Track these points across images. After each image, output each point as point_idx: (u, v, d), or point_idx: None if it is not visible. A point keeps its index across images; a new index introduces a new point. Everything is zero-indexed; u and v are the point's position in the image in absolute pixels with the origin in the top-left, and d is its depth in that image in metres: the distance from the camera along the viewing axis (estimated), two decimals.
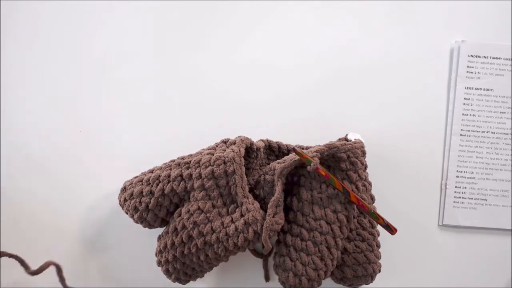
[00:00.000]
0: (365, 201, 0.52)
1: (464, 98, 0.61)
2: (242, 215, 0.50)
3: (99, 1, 0.61)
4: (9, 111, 0.61)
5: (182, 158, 0.54)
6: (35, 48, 0.61)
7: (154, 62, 0.61)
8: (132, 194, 0.53)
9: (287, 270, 0.51)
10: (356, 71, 0.61)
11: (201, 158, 0.51)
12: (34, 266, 0.60)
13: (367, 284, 0.55)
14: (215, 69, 0.61)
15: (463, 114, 0.61)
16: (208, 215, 0.51)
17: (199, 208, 0.51)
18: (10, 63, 0.61)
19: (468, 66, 0.61)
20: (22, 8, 0.61)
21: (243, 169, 0.51)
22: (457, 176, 0.61)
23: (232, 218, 0.50)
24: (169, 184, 0.52)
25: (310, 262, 0.51)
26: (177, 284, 0.56)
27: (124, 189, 0.55)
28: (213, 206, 0.51)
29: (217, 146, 0.54)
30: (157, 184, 0.52)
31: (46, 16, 0.61)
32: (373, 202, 0.55)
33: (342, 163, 0.52)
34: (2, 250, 0.60)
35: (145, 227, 0.55)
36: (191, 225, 0.51)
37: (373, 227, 0.55)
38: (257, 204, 0.51)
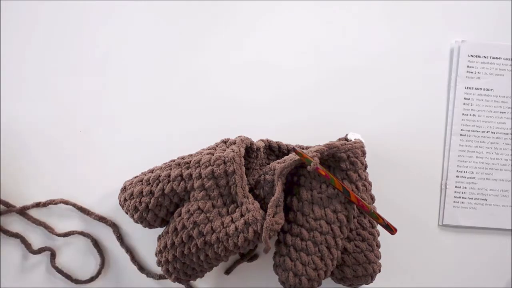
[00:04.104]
0: (365, 201, 0.52)
1: (464, 98, 0.61)
2: (242, 215, 0.50)
3: (99, 1, 0.61)
4: (9, 111, 0.61)
5: (182, 158, 0.54)
6: (35, 48, 0.61)
7: (154, 62, 0.61)
8: (132, 194, 0.53)
9: (287, 270, 0.51)
10: (356, 71, 0.61)
11: (201, 158, 0.51)
12: (35, 270, 0.61)
13: (367, 284, 0.55)
14: (216, 69, 0.61)
15: (463, 114, 0.61)
16: (208, 215, 0.51)
17: (199, 208, 0.51)
18: (10, 63, 0.61)
19: (468, 66, 0.61)
20: (22, 8, 0.61)
21: (243, 169, 0.51)
22: (457, 176, 0.61)
23: (232, 218, 0.50)
24: (169, 184, 0.52)
25: (310, 262, 0.51)
26: (176, 284, 0.56)
27: (124, 189, 0.55)
28: (213, 206, 0.51)
29: (217, 146, 0.54)
30: (157, 184, 0.52)
31: (46, 16, 0.61)
32: (373, 202, 0.55)
33: (342, 163, 0.52)
34: (2, 252, 0.61)
35: (145, 227, 0.55)
36: (191, 225, 0.51)
37: (373, 227, 0.55)
38: (257, 204, 0.51)
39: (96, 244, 0.60)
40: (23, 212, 0.60)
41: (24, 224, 0.61)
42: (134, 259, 0.60)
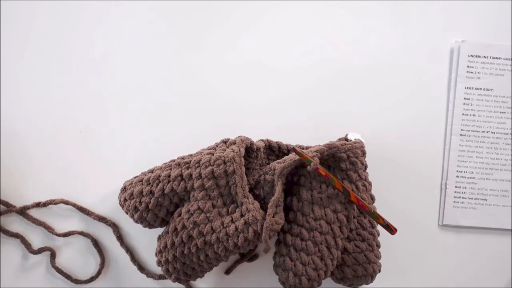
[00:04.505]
0: (365, 201, 0.52)
1: (464, 98, 0.61)
2: (242, 215, 0.50)
3: (97, 2, 0.61)
4: (9, 111, 0.61)
5: (182, 158, 0.54)
6: (34, 48, 0.61)
7: (154, 62, 0.61)
8: (132, 194, 0.53)
9: (287, 270, 0.51)
10: (356, 71, 0.61)
11: (201, 158, 0.51)
12: (35, 270, 0.61)
13: (367, 284, 0.55)
14: (216, 69, 0.61)
15: (463, 114, 0.61)
16: (208, 215, 0.51)
17: (199, 208, 0.51)
18: (9, 63, 0.61)
19: (468, 66, 0.61)
20: (21, 8, 0.61)
21: (243, 169, 0.51)
22: (457, 176, 0.61)
23: (232, 218, 0.50)
24: (169, 184, 0.52)
25: (310, 262, 0.51)
26: (176, 284, 0.56)
27: (124, 189, 0.55)
28: (213, 206, 0.51)
29: (217, 146, 0.54)
30: (157, 184, 0.52)
31: (45, 16, 0.61)
32: (373, 202, 0.55)
33: (342, 163, 0.52)
34: (2, 252, 0.61)
35: (145, 227, 0.55)
36: (191, 225, 0.51)
37: (373, 227, 0.55)
38: (257, 204, 0.51)
39: (96, 244, 0.60)
40: (23, 212, 0.60)
41: (24, 224, 0.61)
42: (134, 259, 0.60)
